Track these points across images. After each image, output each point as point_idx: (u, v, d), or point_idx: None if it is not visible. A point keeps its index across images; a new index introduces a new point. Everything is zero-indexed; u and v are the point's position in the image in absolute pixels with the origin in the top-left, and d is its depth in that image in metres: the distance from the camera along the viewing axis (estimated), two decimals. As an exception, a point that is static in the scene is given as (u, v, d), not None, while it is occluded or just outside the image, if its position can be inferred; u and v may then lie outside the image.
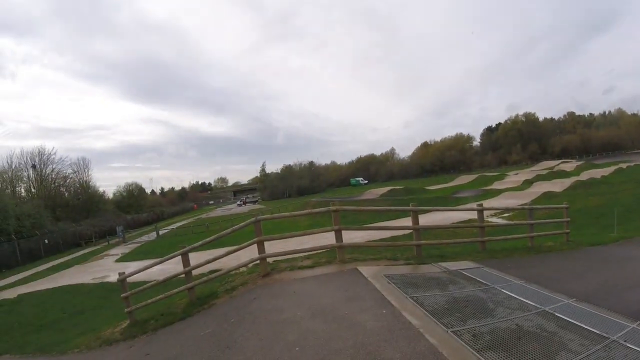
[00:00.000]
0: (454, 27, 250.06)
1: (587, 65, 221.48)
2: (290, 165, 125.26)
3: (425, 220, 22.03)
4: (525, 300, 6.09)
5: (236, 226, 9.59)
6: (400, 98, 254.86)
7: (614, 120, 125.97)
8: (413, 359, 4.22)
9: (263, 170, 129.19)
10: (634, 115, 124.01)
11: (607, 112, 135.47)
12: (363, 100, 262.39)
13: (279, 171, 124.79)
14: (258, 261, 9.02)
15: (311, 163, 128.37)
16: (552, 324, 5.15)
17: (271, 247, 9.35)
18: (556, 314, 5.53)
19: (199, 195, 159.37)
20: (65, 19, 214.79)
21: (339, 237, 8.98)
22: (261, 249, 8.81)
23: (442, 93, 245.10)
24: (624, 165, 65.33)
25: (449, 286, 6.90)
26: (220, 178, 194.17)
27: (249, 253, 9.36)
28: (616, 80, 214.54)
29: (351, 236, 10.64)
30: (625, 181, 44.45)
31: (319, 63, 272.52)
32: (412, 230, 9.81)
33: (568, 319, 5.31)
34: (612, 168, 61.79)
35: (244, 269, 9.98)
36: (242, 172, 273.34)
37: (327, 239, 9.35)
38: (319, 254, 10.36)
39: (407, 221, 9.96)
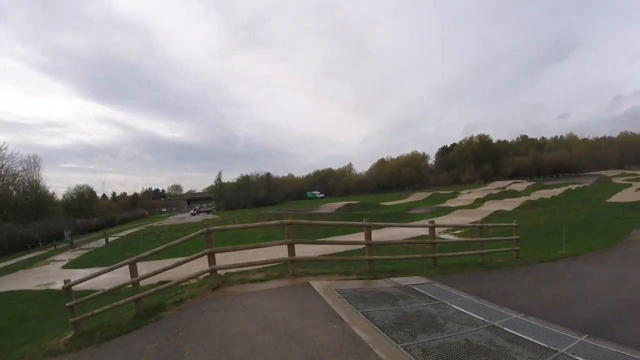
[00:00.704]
0: (418, 47, 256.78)
1: (544, 90, 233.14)
2: (247, 175, 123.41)
3: (379, 235, 22.16)
4: (475, 315, 6.16)
5: (186, 236, 9.37)
6: (361, 113, 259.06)
7: (566, 144, 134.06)
8: (362, 374, 4.17)
9: (219, 179, 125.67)
10: (585, 139, 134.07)
11: (559, 136, 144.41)
12: (324, 114, 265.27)
13: (236, 181, 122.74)
14: (208, 273, 8.84)
15: (268, 174, 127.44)
16: (501, 338, 5.21)
17: (224, 258, 9.23)
18: (505, 328, 5.60)
19: (152, 202, 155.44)
20: (32, 5, 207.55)
21: (291, 250, 8.91)
22: (212, 260, 8.62)
23: (402, 111, 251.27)
24: (573, 187, 68.05)
25: (400, 301, 6.92)
26: (175, 185, 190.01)
27: (200, 264, 9.16)
28: (571, 107, 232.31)
29: (305, 250, 10.62)
30: (573, 201, 46.40)
31: (283, 73, 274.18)
32: (364, 246, 9.82)
33: (517, 333, 5.39)
34: (562, 189, 64.22)
35: (195, 280, 9.78)
36: (197, 180, 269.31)
37: (281, 251, 9.25)
38: (272, 267, 10.25)
39: (361, 236, 9.97)
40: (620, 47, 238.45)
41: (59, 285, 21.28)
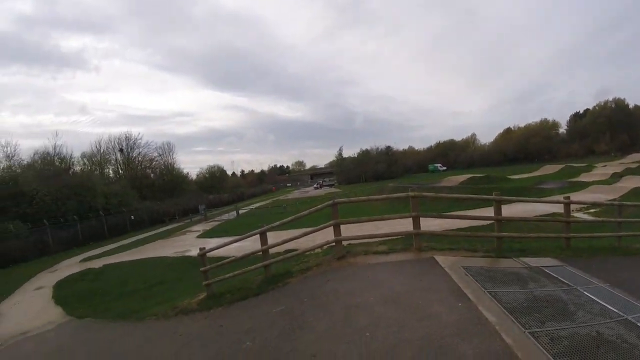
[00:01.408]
0: (535, 8, 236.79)
1: None
2: (367, 149, 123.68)
3: (506, 211, 21.35)
4: (608, 306, 5.75)
5: (313, 208, 9.72)
6: (481, 83, 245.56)
7: None
8: (486, 358, 4.15)
9: (340, 154, 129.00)
10: None
11: None
12: (442, 85, 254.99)
13: (356, 155, 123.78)
14: (333, 244, 9.12)
15: (388, 148, 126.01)
16: (633, 334, 4.80)
17: (347, 230, 9.39)
18: (639, 324, 5.17)
19: (278, 177, 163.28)
20: (142, 15, 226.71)
21: (416, 223, 8.89)
22: (337, 231, 8.90)
23: (526, 77, 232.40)
24: None
25: (529, 283, 6.68)
26: (298, 162, 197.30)
27: (325, 235, 9.49)
28: None
29: (428, 224, 10.51)
30: None
31: (394, 47, 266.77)
32: (492, 222, 9.53)
33: (651, 332, 4.96)
34: None
35: (319, 250, 10.15)
36: (319, 157, 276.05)
37: (402, 225, 9.32)
38: (395, 240, 10.34)
39: (487, 211, 9.73)
40: None
41: (193, 252, 23.14)
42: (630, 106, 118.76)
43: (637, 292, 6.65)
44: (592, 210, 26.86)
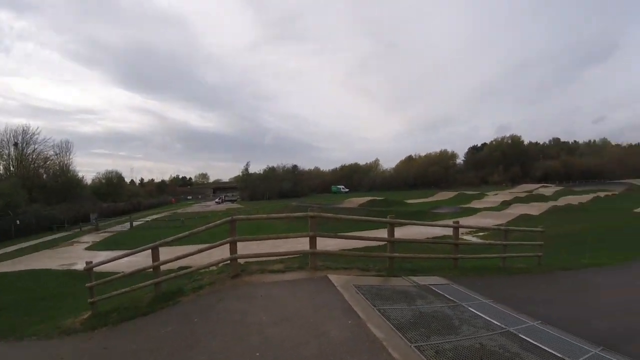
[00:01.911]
0: (452, 46, 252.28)
1: (581, 93, 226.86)
2: (273, 167, 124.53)
3: (401, 233, 22.03)
4: (491, 320, 6.10)
5: (211, 224, 9.50)
6: (393, 110, 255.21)
7: (598, 149, 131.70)
8: (374, 373, 4.15)
9: (246, 169, 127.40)
10: (617, 146, 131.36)
11: (592, 141, 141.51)
12: (355, 109, 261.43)
13: (262, 172, 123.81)
14: (229, 261, 8.93)
15: (294, 167, 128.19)
16: (515, 345, 5.15)
17: (245, 248, 9.29)
18: (520, 335, 5.54)
19: (179, 189, 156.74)
20: None
21: (313, 243, 8.91)
22: (233, 249, 8.69)
23: (434, 109, 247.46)
24: (601, 194, 66.28)
25: (417, 300, 6.88)
26: (202, 174, 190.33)
27: (221, 252, 9.24)
28: (607, 111, 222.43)
29: (326, 243, 10.61)
30: (601, 209, 45.40)
31: (316, 67, 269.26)
32: (386, 242, 9.76)
33: (532, 341, 5.33)
34: (590, 195, 62.77)
35: (214, 268, 9.88)
36: (224, 170, 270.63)
37: (301, 244, 9.27)
38: (292, 259, 10.30)
39: (384, 233, 9.94)
40: None
41: (80, 266, 21.92)
42: (525, 143, 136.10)
43: (518, 307, 7.14)
44: (481, 234, 28.60)
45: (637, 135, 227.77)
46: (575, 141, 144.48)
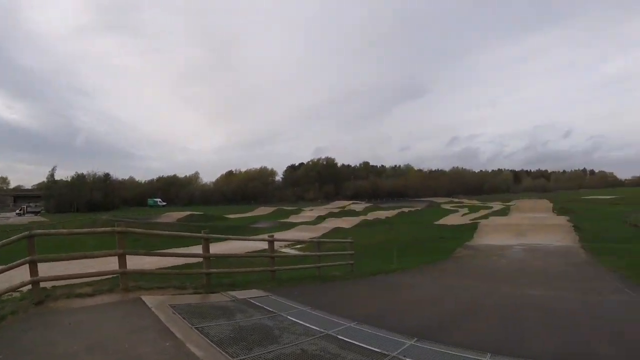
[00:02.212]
0: (282, 69, 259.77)
1: (392, 125, 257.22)
2: (83, 174, 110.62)
3: (221, 248, 21.81)
4: (311, 326, 6.25)
5: (5, 240, 8.30)
6: (217, 123, 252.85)
7: (402, 172, 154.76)
8: (195, 391, 4.01)
9: (52, 175, 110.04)
10: (419, 170, 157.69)
11: (397, 166, 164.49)
12: (178, 118, 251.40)
13: (70, 179, 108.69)
14: (30, 286, 7.89)
15: (107, 175, 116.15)
16: (334, 346, 5.34)
17: (51, 269, 8.25)
18: (339, 336, 5.76)
19: None
20: None
21: (122, 262, 8.25)
22: (34, 271, 7.65)
23: (258, 126, 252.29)
24: (406, 209, 74.46)
25: (236, 315, 6.79)
26: (1, 178, 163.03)
27: (25, 274, 8.18)
28: (413, 142, 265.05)
29: (143, 262, 10.06)
30: (405, 222, 50.38)
31: (142, 68, 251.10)
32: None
33: (350, 340, 5.57)
34: (396, 211, 69.76)
35: (17, 294, 8.68)
36: (29, 174, 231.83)
37: (114, 263, 8.58)
38: (103, 281, 9.51)
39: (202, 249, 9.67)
40: (463, 96, 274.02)
41: None
42: (339, 164, 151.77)
43: (335, 311, 7.48)
44: (298, 246, 29.55)
45: (438, 163, 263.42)
46: (382, 165, 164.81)
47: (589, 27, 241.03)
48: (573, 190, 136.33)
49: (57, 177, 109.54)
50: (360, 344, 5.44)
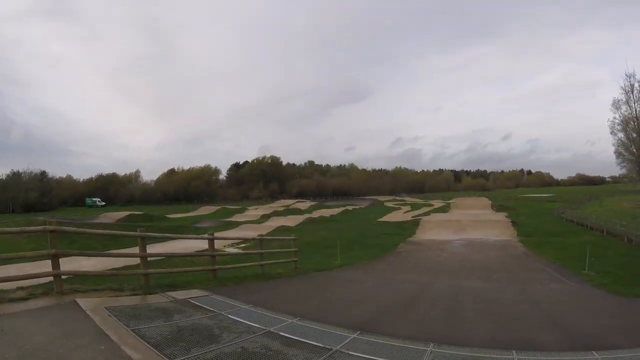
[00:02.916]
0: (226, 65, 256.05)
1: (337, 125, 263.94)
2: (18, 172, 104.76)
3: (163, 248, 21.36)
4: (252, 324, 6.19)
5: None
6: (158, 119, 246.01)
7: (347, 172, 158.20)
8: (132, 397, 3.83)
9: None
10: (364, 170, 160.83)
11: (342, 165, 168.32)
12: (118, 111, 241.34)
13: (4, 177, 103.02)
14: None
15: (43, 173, 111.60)
16: (277, 342, 5.31)
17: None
18: (281, 333, 5.74)
19: None
20: None
21: (55, 263, 7.85)
22: (-40, 276, 7.24)
23: (201, 123, 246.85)
24: (350, 207, 76.04)
25: (175, 315, 6.65)
26: None
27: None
28: (357, 142, 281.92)
29: (82, 264, 9.65)
30: (349, 220, 51.05)
31: (81, 57, 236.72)
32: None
33: (293, 337, 5.55)
34: (340, 209, 71.13)
35: None
36: None
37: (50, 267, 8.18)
38: (39, 285, 9.07)
39: (148, 249, 9.38)
40: (407, 100, 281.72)
41: None
42: (284, 163, 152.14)
43: (278, 308, 7.48)
44: (242, 245, 29.30)
45: (381, 163, 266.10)
46: (327, 164, 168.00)
47: (522, 42, 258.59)
48: (511, 189, 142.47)
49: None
50: (303, 340, 5.43)
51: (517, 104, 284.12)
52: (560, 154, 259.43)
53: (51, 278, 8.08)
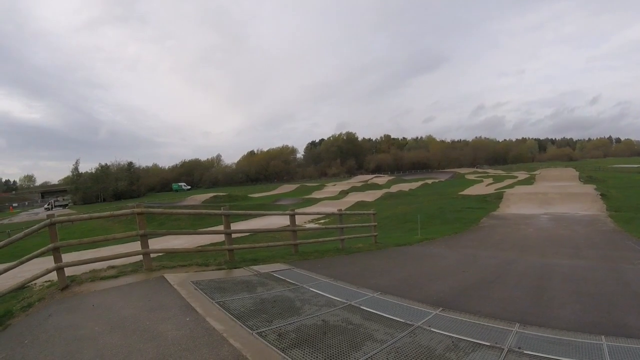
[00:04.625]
0: (297, 47, 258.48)
1: (414, 96, 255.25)
2: (106, 164, 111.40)
3: (247, 225, 21.94)
4: (333, 297, 6.21)
5: (28, 229, 8.36)
6: (237, 105, 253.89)
7: (424, 144, 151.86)
8: (215, 365, 4.01)
9: (76, 168, 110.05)
10: (442, 141, 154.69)
11: (419, 137, 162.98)
12: (198, 103, 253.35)
13: (94, 171, 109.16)
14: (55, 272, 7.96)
15: (130, 164, 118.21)
16: (357, 316, 5.28)
17: (81, 254, 8.31)
18: (362, 307, 5.70)
19: (1, 195, 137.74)
20: None
21: (144, 243, 8.34)
22: (57, 257, 7.74)
23: (277, 105, 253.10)
24: (429, 181, 74.40)
25: (258, 288, 6.79)
26: (27, 176, 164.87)
27: (45, 263, 8.26)
28: (436, 112, 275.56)
29: (169, 243, 10.09)
30: (429, 194, 50.09)
31: (157, 56, 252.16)
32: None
33: (374, 311, 5.51)
34: (419, 183, 69.66)
35: (47, 282, 8.80)
36: (54, 170, 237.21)
37: (139, 245, 8.63)
38: (127, 263, 9.59)
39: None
40: (487, 65, 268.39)
41: None
42: (359, 139, 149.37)
43: (356, 282, 7.44)
44: (322, 221, 29.58)
45: (461, 133, 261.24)
46: (404, 137, 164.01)
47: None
48: (599, 159, 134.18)
49: (81, 170, 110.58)
50: (384, 314, 5.38)
51: (604, 61, 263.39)
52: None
53: (141, 257, 8.54)
